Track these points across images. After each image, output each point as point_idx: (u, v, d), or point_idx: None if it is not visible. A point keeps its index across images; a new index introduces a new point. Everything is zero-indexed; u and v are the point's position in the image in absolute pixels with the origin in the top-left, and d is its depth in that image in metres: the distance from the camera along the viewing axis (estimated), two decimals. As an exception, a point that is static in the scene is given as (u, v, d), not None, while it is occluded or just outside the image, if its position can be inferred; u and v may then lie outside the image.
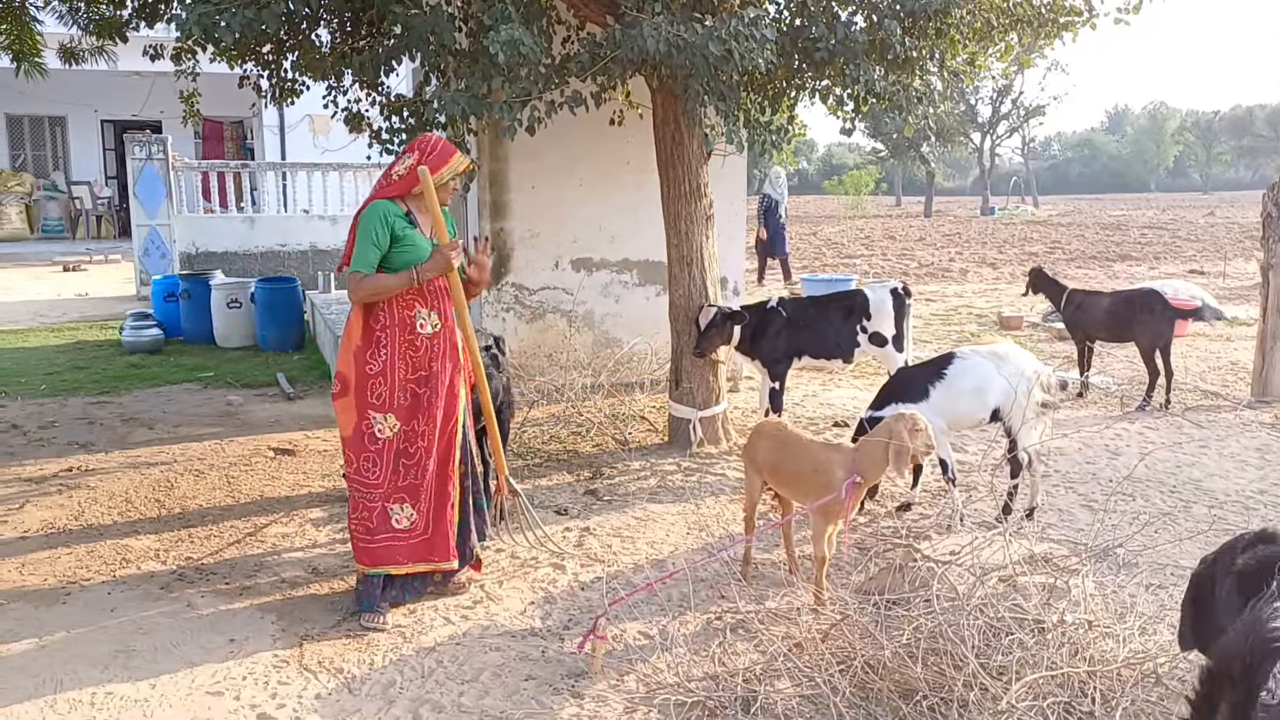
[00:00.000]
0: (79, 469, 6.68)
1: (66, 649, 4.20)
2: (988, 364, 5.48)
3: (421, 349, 4.42)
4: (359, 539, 4.50)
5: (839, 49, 5.78)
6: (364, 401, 4.38)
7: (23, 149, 24.59)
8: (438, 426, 4.46)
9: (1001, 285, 17.64)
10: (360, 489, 4.46)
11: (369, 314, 4.39)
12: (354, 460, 4.45)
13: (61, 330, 12.48)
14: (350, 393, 4.41)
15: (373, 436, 4.40)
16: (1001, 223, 37.26)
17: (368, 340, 4.39)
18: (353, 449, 4.45)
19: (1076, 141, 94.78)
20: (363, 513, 4.46)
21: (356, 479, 4.47)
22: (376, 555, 4.47)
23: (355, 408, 4.40)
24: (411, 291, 4.37)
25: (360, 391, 4.38)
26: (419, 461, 4.44)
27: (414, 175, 4.34)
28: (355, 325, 4.41)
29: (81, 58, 8.38)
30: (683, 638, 4.22)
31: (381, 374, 4.37)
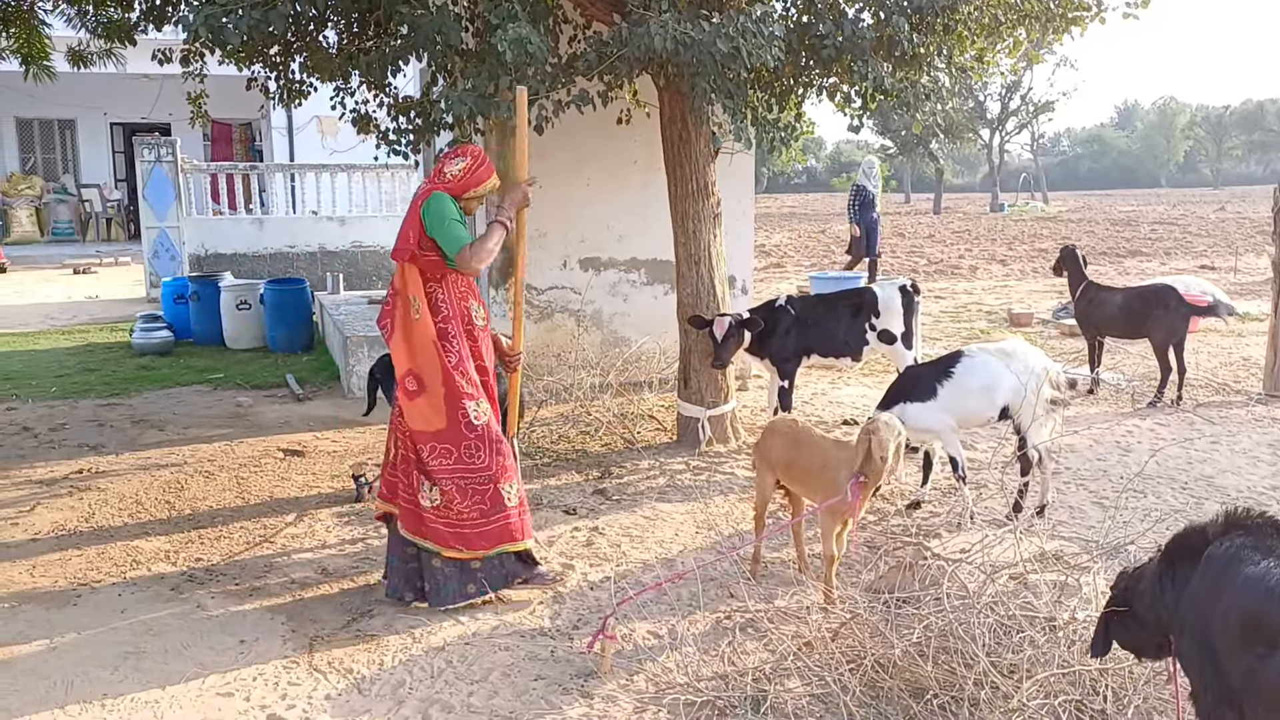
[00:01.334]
0: (89, 471, 6.70)
1: (77, 651, 4.21)
2: (996, 361, 5.46)
3: (478, 339, 4.61)
4: (474, 525, 4.51)
5: (846, 45, 5.77)
6: (456, 392, 4.46)
7: (32, 152, 24.70)
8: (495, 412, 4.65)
9: (1011, 282, 17.59)
10: (467, 475, 4.50)
11: (434, 309, 4.48)
12: (453, 451, 4.49)
13: (72, 332, 12.53)
14: (429, 388, 4.46)
15: (470, 424, 4.48)
16: (1011, 219, 37.16)
17: (440, 334, 4.49)
18: (450, 441, 4.49)
19: (1086, 137, 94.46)
20: (474, 498, 4.51)
21: (460, 469, 4.49)
22: (496, 536, 4.54)
23: (445, 400, 4.46)
24: (463, 285, 4.55)
25: (449, 383, 4.46)
26: (499, 442, 4.58)
27: (476, 178, 4.55)
28: (425, 320, 4.46)
29: (90, 61, 8.41)
30: (692, 637, 4.22)
31: (460, 365, 4.49)
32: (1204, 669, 2.79)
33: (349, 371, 8.71)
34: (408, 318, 4.48)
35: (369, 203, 16.43)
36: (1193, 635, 2.82)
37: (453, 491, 4.49)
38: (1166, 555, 3.02)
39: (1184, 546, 2.95)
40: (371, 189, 16.46)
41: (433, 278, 4.51)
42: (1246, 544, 2.78)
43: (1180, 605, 2.89)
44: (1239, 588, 2.71)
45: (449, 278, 4.52)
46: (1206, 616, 2.78)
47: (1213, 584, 2.78)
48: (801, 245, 26.05)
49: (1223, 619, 2.72)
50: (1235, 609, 2.69)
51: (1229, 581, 2.74)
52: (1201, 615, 2.80)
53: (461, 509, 4.50)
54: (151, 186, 15.41)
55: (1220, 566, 2.78)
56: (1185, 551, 2.94)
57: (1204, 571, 2.83)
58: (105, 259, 20.09)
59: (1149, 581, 3.03)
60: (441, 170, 4.57)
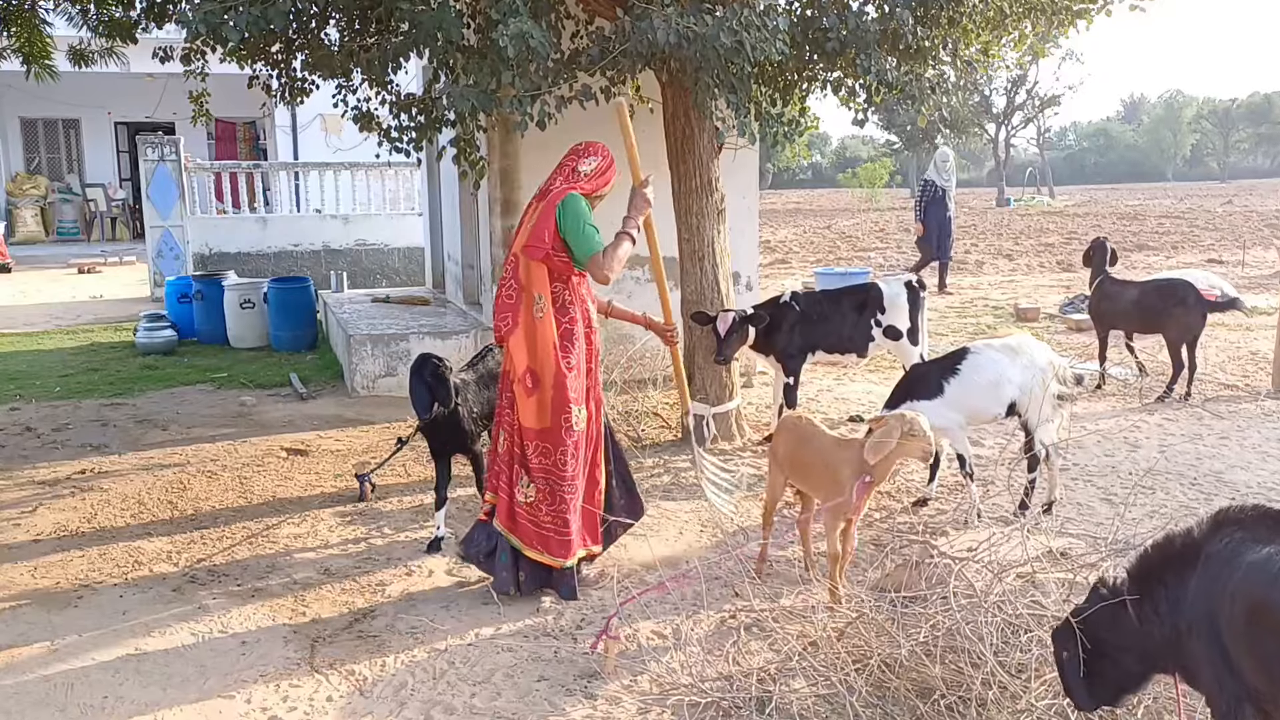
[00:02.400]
0: (92, 471, 6.68)
1: (78, 653, 4.19)
2: (1003, 357, 5.41)
3: (592, 344, 4.66)
4: (555, 532, 4.55)
5: (851, 39, 5.72)
6: (564, 396, 4.48)
7: (37, 152, 24.69)
8: (594, 416, 4.69)
9: (1018, 276, 17.51)
10: (559, 481, 4.54)
11: (560, 310, 4.51)
12: (552, 452, 4.53)
13: (76, 332, 12.52)
14: (543, 388, 4.49)
15: (570, 430, 4.52)
16: (1017, 214, 36.98)
17: (564, 334, 4.51)
18: (551, 441, 4.53)
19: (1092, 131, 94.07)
20: (560, 505, 4.54)
21: (555, 472, 4.54)
22: (570, 546, 4.58)
23: (554, 402, 4.49)
24: (584, 288, 4.61)
25: (560, 386, 4.48)
26: (587, 450, 4.67)
27: (605, 178, 4.71)
28: (548, 320, 4.47)
29: (91, 59, 8.39)
30: (697, 637, 4.18)
31: (575, 367, 4.53)
32: (1217, 669, 2.74)
33: (352, 370, 8.68)
34: (530, 316, 4.48)
35: (372, 201, 16.42)
36: (1200, 636, 2.78)
37: (544, 491, 4.55)
38: (1141, 577, 2.95)
39: (1165, 560, 2.91)
40: (375, 187, 16.43)
41: (560, 278, 4.52)
42: (1244, 538, 2.75)
43: (1178, 615, 2.84)
44: (1242, 578, 2.67)
45: (574, 278, 4.55)
46: (1214, 614, 2.74)
47: (1216, 581, 2.74)
48: (807, 241, 25.95)
49: (1230, 612, 2.68)
50: (1241, 599, 2.65)
51: (1232, 575, 2.70)
52: (1209, 614, 2.75)
53: (547, 513, 4.55)
54: (155, 186, 15.40)
55: (1222, 563, 2.75)
56: (1170, 564, 2.89)
57: (1204, 572, 2.79)
58: (110, 258, 20.07)
59: (1117, 614, 2.95)
60: (575, 169, 4.64)
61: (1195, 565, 2.83)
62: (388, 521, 5.68)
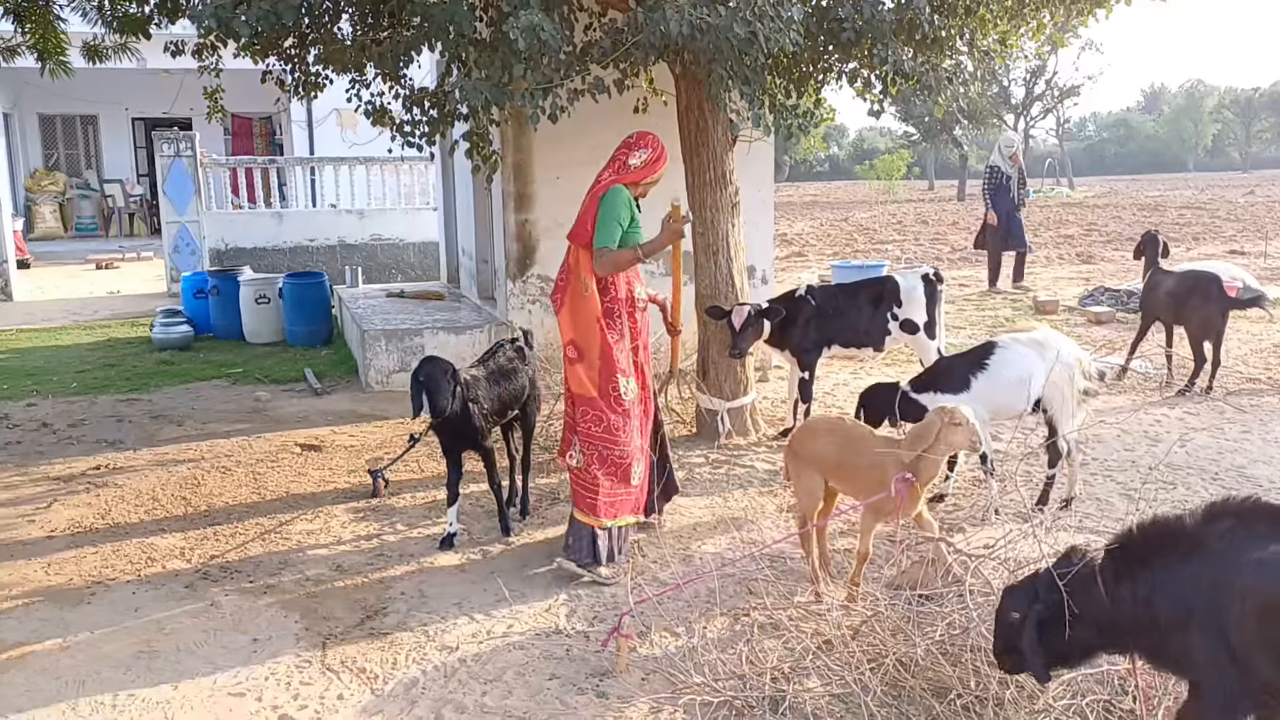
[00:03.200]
0: (107, 467, 6.68)
1: (90, 650, 4.18)
2: (1030, 352, 5.34)
3: (638, 321, 5.02)
4: (601, 493, 4.83)
5: (866, 29, 5.64)
6: (612, 366, 4.84)
7: (55, 148, 24.82)
8: (649, 390, 5.10)
9: (1036, 269, 17.36)
10: (609, 446, 4.86)
11: (603, 290, 4.87)
12: (603, 418, 4.86)
13: (94, 328, 12.56)
14: (588, 360, 4.85)
15: (619, 399, 4.85)
16: (1036, 205, 36.76)
17: (606, 312, 4.87)
18: (600, 410, 4.86)
19: (1112, 122, 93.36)
20: (609, 469, 4.86)
21: (605, 436, 4.85)
22: (618, 508, 4.88)
23: (601, 373, 4.84)
24: (630, 270, 4.94)
25: (607, 357, 4.84)
26: (642, 422, 5.00)
27: (655, 168, 4.96)
28: (592, 297, 4.83)
29: (106, 55, 8.39)
30: (710, 635, 4.14)
31: (620, 342, 4.88)
32: (1218, 661, 2.70)
33: (366, 365, 8.67)
34: (577, 294, 4.87)
35: (387, 195, 16.40)
36: (1198, 628, 2.72)
37: (593, 457, 4.86)
38: (1122, 556, 2.92)
39: (1152, 544, 2.89)
40: (390, 182, 16.42)
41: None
42: (1242, 532, 2.72)
43: (1161, 601, 2.80)
44: (1254, 576, 2.62)
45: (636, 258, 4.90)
46: (1219, 609, 2.69)
47: (1220, 575, 2.70)
48: (824, 234, 25.85)
49: (1240, 610, 2.63)
50: (1253, 597, 2.61)
51: (1239, 571, 2.66)
52: (1212, 608, 2.70)
53: (597, 475, 4.84)
54: (171, 181, 15.43)
55: (1223, 557, 2.71)
56: (1158, 548, 2.86)
57: (1203, 564, 2.74)
58: (128, 254, 20.16)
59: (1088, 587, 2.92)
60: (625, 161, 4.94)
61: (1190, 555, 2.79)
62: (401, 517, 5.66)
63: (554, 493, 5.98)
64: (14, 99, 22.64)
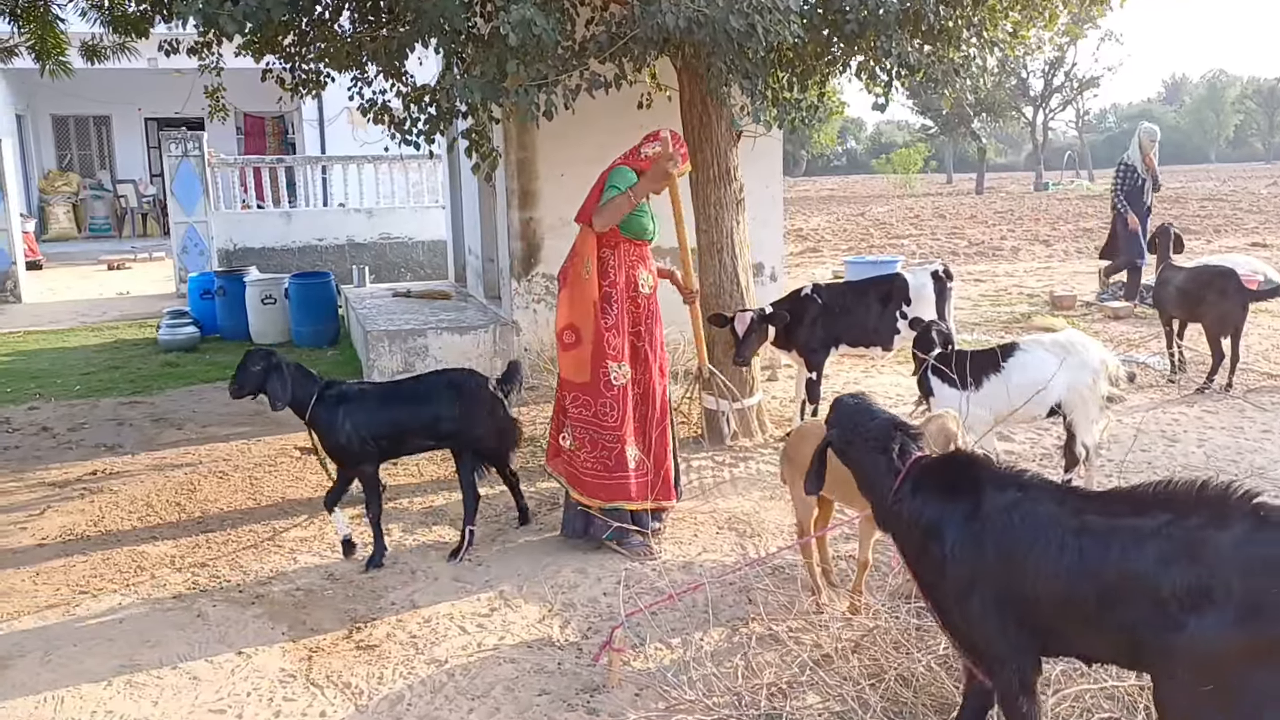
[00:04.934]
0: (103, 472, 6.60)
1: (71, 664, 4.08)
2: (1050, 358, 5.15)
3: (641, 306, 5.04)
4: (595, 476, 4.96)
5: (870, 20, 5.48)
6: (601, 352, 4.90)
7: (69, 149, 24.87)
8: (654, 377, 5.10)
9: (1054, 263, 17.14)
10: (598, 430, 4.95)
11: (602, 273, 4.94)
12: (591, 404, 4.95)
13: (101, 329, 12.51)
14: (583, 344, 4.92)
15: (609, 383, 4.92)
16: (1056, 198, 36.44)
17: (602, 296, 4.93)
18: (590, 394, 4.95)
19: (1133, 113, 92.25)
20: (602, 452, 4.95)
21: (594, 422, 4.95)
22: (612, 491, 4.96)
23: (592, 358, 4.92)
24: (635, 255, 5.02)
25: (599, 342, 4.90)
26: (638, 407, 5.03)
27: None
28: (592, 281, 4.90)
29: (105, 55, 8.31)
30: (707, 648, 4.00)
31: (614, 327, 4.93)
32: (1002, 629, 2.79)
33: (370, 366, 8.56)
34: (578, 276, 4.95)
35: (396, 194, 16.29)
36: (983, 596, 2.80)
37: (584, 440, 4.97)
38: (927, 466, 3.01)
39: (947, 470, 2.99)
40: (399, 180, 16.32)
41: (607, 244, 4.98)
42: (1040, 500, 2.78)
43: (953, 545, 2.85)
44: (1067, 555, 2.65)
45: (622, 246, 5.00)
46: (1008, 576, 2.75)
47: (1012, 542, 2.76)
48: (840, 229, 25.63)
49: (1049, 586, 2.68)
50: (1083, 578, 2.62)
51: (1031, 544, 2.72)
52: (1003, 573, 2.76)
53: (587, 459, 4.96)
54: (179, 182, 15.37)
55: (1018, 525, 2.76)
56: (945, 473, 2.98)
57: (991, 524, 2.80)
58: (140, 254, 20.16)
59: (878, 453, 3.05)
60: (638, 150, 5.09)
61: (958, 495, 2.89)
62: (397, 523, 5.54)
63: (553, 496, 5.84)
64: (27, 100, 22.69)
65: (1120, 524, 2.62)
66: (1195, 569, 2.45)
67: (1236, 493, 2.53)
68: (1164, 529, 2.54)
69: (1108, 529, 2.63)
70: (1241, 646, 2.39)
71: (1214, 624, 2.41)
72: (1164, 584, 2.48)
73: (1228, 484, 2.55)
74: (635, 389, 5.03)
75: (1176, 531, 2.52)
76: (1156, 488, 2.65)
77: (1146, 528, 2.56)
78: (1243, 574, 2.41)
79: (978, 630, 2.84)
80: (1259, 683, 2.39)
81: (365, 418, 4.95)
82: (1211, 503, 2.53)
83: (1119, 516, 2.64)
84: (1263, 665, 2.38)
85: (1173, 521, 2.54)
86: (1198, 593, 2.43)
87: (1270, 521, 2.45)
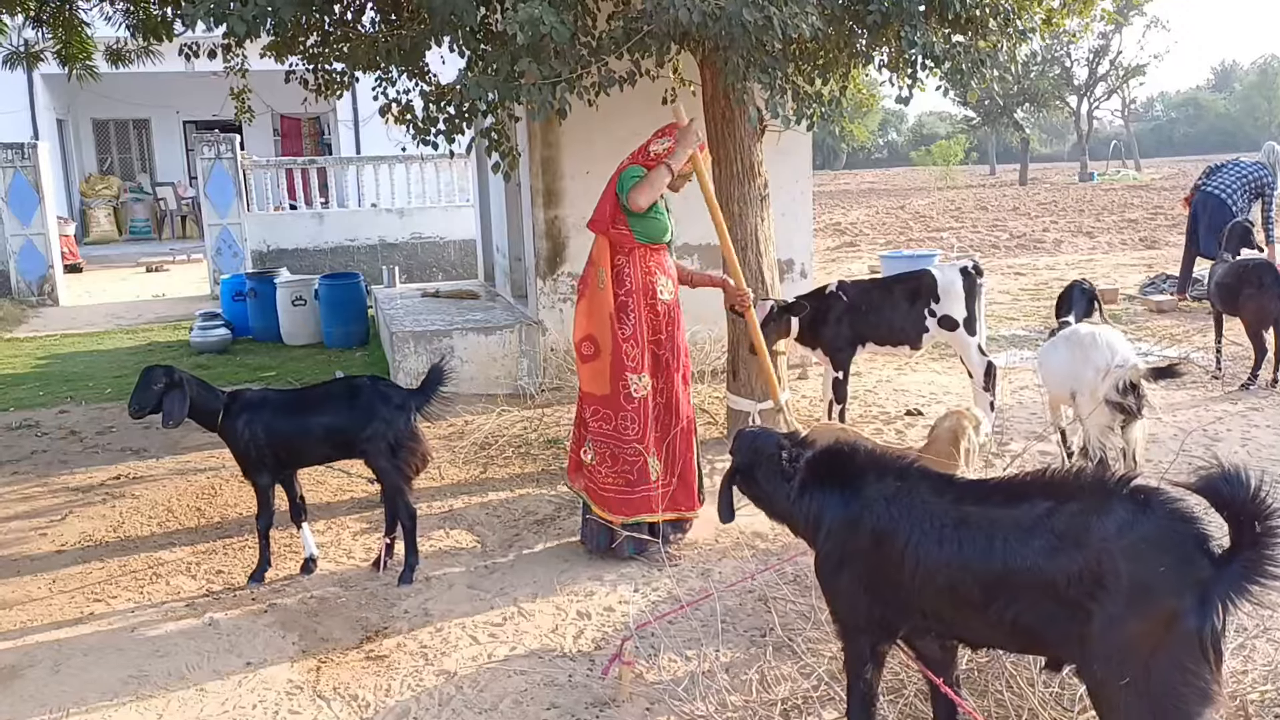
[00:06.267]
0: (127, 477, 6.60)
1: (80, 674, 4.04)
2: (1065, 350, 5.03)
3: (660, 314, 4.89)
4: (617, 492, 4.83)
5: (894, 10, 5.31)
6: (620, 363, 4.78)
7: (109, 152, 25.18)
8: (677, 386, 4.94)
9: (1098, 255, 16.80)
10: (619, 444, 4.81)
11: (617, 281, 4.80)
12: (612, 418, 4.82)
13: (136, 332, 12.60)
14: (602, 355, 4.81)
15: (629, 395, 4.79)
16: (1101, 189, 35.84)
17: (618, 306, 4.80)
18: (610, 407, 4.82)
19: (1181, 101, 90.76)
20: (623, 466, 4.81)
21: (614, 435, 4.82)
22: (635, 505, 4.82)
23: (611, 370, 4.79)
24: (652, 261, 4.86)
25: (617, 353, 4.78)
26: (659, 417, 4.88)
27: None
28: (607, 291, 4.79)
29: (129, 59, 8.31)
30: (723, 659, 3.88)
31: (632, 337, 4.80)
32: (867, 606, 2.91)
33: (396, 367, 8.52)
34: (594, 286, 4.84)
35: (427, 193, 16.27)
36: (853, 574, 2.92)
37: (605, 454, 4.83)
38: (813, 460, 3.11)
39: (831, 460, 3.08)
40: (431, 179, 16.29)
41: (621, 251, 4.85)
42: (918, 491, 2.82)
43: (831, 520, 2.97)
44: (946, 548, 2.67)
45: (636, 253, 4.84)
46: (881, 561, 2.82)
47: (887, 530, 2.80)
48: (879, 222, 25.35)
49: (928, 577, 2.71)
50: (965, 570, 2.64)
51: (909, 534, 2.75)
52: (876, 557, 2.84)
53: (608, 474, 4.83)
54: (213, 184, 15.46)
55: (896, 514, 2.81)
56: (830, 469, 3.05)
57: (870, 510, 2.86)
58: (178, 256, 20.36)
59: (775, 465, 3.16)
60: (646, 149, 4.92)
61: (843, 488, 2.98)
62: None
63: (572, 500, 5.74)
64: (67, 105, 22.97)
65: (1000, 514, 2.63)
66: (1082, 555, 2.45)
67: (1114, 478, 2.57)
68: (1045, 518, 2.54)
69: (988, 520, 2.64)
70: (1140, 630, 2.40)
71: (1113, 611, 2.42)
72: (1056, 575, 2.48)
73: (1105, 470, 2.57)
74: (658, 399, 4.90)
75: (1059, 520, 2.52)
76: (1034, 476, 2.68)
77: (1027, 518, 2.57)
78: (1129, 558, 2.41)
79: (843, 603, 2.98)
80: (1164, 663, 2.39)
81: (262, 427, 4.75)
82: (1090, 489, 2.54)
83: (998, 507, 2.66)
84: (1164, 646, 2.38)
85: (1053, 510, 2.54)
86: (1091, 580, 2.43)
87: (1151, 504, 2.47)
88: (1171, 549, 2.41)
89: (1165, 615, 2.37)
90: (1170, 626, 2.37)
